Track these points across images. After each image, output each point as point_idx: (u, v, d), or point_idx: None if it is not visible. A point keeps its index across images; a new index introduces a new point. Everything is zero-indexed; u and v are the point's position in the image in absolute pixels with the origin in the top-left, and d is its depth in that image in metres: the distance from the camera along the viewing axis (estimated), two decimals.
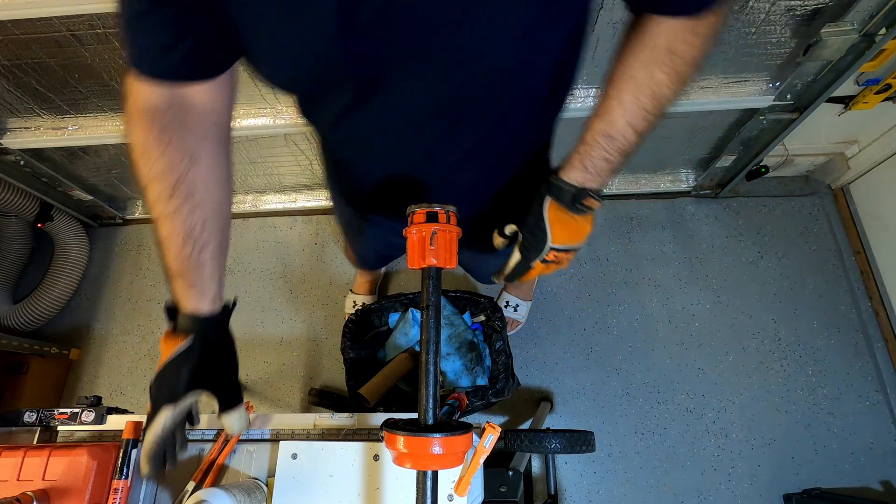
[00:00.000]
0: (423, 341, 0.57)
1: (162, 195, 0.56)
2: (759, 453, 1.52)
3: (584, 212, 0.63)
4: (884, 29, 1.03)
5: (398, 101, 0.56)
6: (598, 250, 1.80)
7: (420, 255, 0.59)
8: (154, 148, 0.55)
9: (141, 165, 0.56)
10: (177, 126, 0.55)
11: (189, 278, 0.59)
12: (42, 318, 1.77)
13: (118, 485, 0.67)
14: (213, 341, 0.63)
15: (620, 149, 0.58)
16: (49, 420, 0.78)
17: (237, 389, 0.67)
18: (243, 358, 1.74)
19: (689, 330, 1.67)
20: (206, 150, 0.58)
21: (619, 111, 0.55)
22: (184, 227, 0.57)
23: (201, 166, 0.58)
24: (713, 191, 1.83)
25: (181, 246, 0.58)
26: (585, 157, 0.60)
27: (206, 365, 0.62)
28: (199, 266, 0.59)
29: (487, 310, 1.30)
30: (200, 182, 0.58)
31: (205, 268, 0.60)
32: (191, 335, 0.61)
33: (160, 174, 0.55)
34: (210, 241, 0.60)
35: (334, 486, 0.68)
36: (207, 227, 0.59)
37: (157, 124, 0.54)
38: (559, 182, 0.62)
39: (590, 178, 0.61)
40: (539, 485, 1.43)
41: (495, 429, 0.60)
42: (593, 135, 0.58)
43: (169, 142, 0.55)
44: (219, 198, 0.61)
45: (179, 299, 0.61)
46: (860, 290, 1.68)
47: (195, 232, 0.58)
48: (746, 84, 1.29)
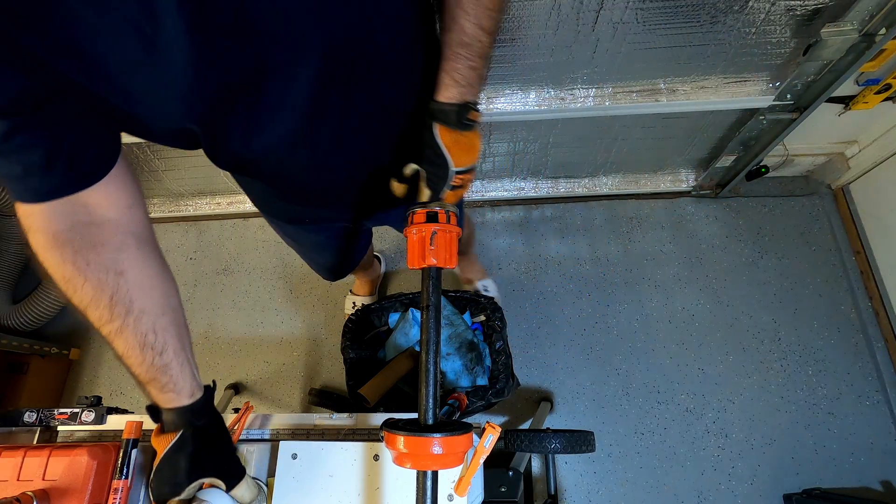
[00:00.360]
0: (423, 341, 0.57)
1: (103, 318, 0.56)
2: (759, 453, 1.52)
3: (471, 127, 0.64)
4: (884, 29, 1.03)
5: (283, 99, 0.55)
6: (598, 250, 1.80)
7: (420, 255, 0.59)
8: (75, 276, 0.54)
9: (70, 295, 0.55)
10: (88, 247, 0.54)
11: (160, 382, 0.60)
12: (42, 318, 1.77)
13: (118, 485, 0.67)
14: (203, 428, 0.63)
15: (479, 52, 0.59)
16: (49, 420, 0.78)
17: (237, 464, 0.67)
18: (243, 358, 1.75)
19: (689, 330, 1.67)
20: (127, 259, 0.57)
21: (464, 16, 0.57)
22: (136, 340, 0.57)
23: (130, 276, 0.57)
24: (713, 191, 1.83)
25: (140, 357, 0.58)
26: (453, 72, 0.60)
27: (201, 452, 0.62)
28: (165, 369, 0.60)
29: (487, 310, 1.30)
30: (135, 291, 0.57)
31: (171, 368, 0.60)
32: (180, 429, 0.61)
33: (92, 300, 0.55)
34: (168, 342, 0.60)
35: (334, 486, 0.68)
36: (159, 330, 0.59)
37: (69, 251, 0.53)
38: (440, 105, 0.62)
39: (464, 90, 0.61)
40: (539, 485, 1.43)
41: (495, 429, 0.60)
42: (451, 49, 0.59)
43: (87, 265, 0.54)
44: (161, 296, 0.60)
45: (157, 401, 0.62)
46: (860, 290, 1.68)
47: (149, 340, 0.58)
48: (746, 84, 1.29)
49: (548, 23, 1.09)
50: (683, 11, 1.06)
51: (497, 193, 1.86)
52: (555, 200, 1.88)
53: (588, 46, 1.16)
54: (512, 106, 1.33)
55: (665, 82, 1.30)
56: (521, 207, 1.89)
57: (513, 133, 1.52)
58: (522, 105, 1.33)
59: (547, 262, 1.79)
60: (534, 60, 1.20)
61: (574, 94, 1.32)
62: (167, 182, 1.78)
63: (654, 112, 1.34)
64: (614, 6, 1.04)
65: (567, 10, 1.05)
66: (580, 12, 1.06)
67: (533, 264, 1.79)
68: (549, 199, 1.88)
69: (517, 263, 1.80)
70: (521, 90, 1.32)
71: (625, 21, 1.08)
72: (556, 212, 1.87)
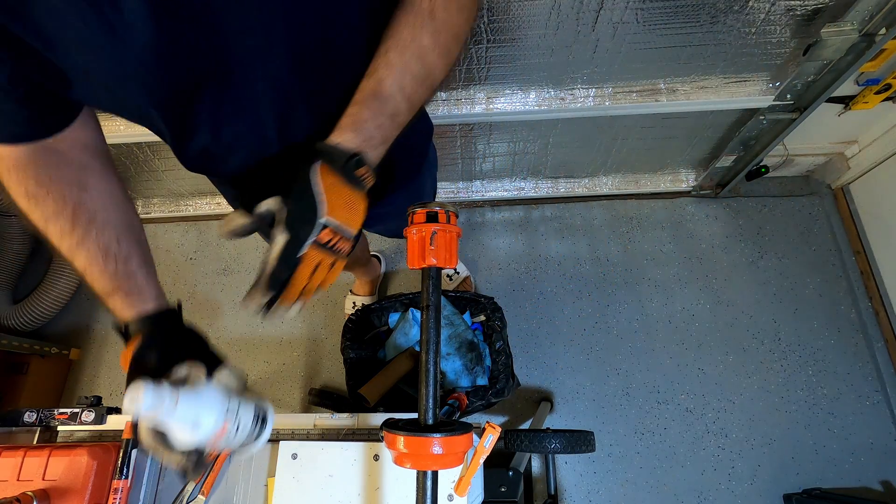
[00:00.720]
0: (423, 341, 0.57)
1: (65, 229, 0.55)
2: (759, 453, 1.52)
3: (358, 185, 0.54)
4: (884, 29, 1.03)
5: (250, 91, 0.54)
6: (598, 250, 1.80)
7: (420, 255, 0.59)
8: (37, 191, 0.54)
9: (31, 212, 0.55)
10: (52, 165, 0.54)
11: (124, 288, 0.57)
12: (42, 318, 1.77)
13: (118, 485, 0.67)
14: (173, 331, 0.60)
15: (391, 112, 0.54)
16: (49, 420, 0.78)
17: (214, 353, 0.61)
18: (243, 358, 1.75)
19: (689, 330, 1.67)
20: (91, 178, 0.57)
21: (386, 69, 0.54)
22: (99, 248, 0.56)
23: (93, 192, 0.57)
24: (713, 191, 1.83)
25: (104, 264, 0.56)
26: (357, 119, 0.54)
27: (172, 344, 0.58)
28: (129, 275, 0.58)
29: (487, 310, 1.30)
30: (98, 206, 0.57)
31: (136, 276, 0.58)
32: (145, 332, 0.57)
33: (55, 212, 0.54)
34: (132, 253, 0.58)
35: (334, 486, 0.68)
36: (123, 242, 0.58)
37: (31, 169, 0.53)
38: (329, 146, 0.53)
39: (362, 142, 0.53)
40: (539, 485, 1.43)
41: (495, 429, 0.60)
42: (362, 94, 0.54)
43: (50, 180, 0.54)
44: (124, 214, 0.59)
45: (123, 312, 0.58)
46: (860, 290, 1.68)
47: (112, 248, 0.57)
48: (746, 84, 1.29)
49: (548, 23, 1.09)
50: (683, 11, 1.06)
51: (497, 193, 1.86)
52: (555, 200, 1.88)
53: (588, 46, 1.16)
54: (512, 106, 1.33)
55: (665, 82, 1.30)
56: (521, 207, 1.89)
57: (513, 133, 1.52)
58: (522, 105, 1.33)
59: (547, 262, 1.79)
60: (534, 60, 1.20)
61: (574, 94, 1.32)
62: (167, 182, 1.78)
63: (654, 112, 1.34)
64: (614, 6, 1.04)
65: (567, 10, 1.05)
66: (580, 12, 1.06)
67: (533, 264, 1.79)
68: (549, 199, 1.88)
69: (517, 263, 1.80)
70: (521, 90, 1.32)
71: (625, 21, 1.08)
72: (556, 212, 1.87)
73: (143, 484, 0.73)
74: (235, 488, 0.73)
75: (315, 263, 0.52)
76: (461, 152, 1.63)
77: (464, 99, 1.34)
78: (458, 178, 1.82)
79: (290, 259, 0.51)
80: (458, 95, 1.33)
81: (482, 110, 1.33)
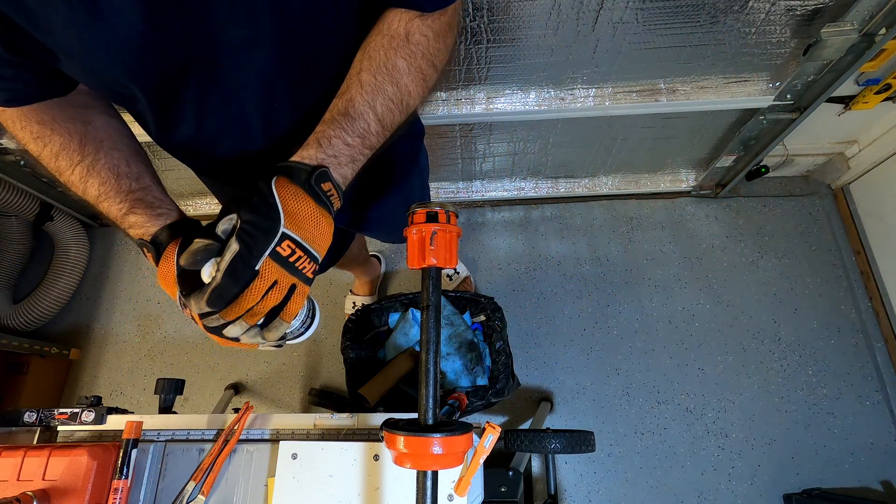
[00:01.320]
0: (423, 341, 0.56)
1: (74, 159, 0.56)
2: (759, 453, 1.52)
3: (322, 201, 0.50)
4: (884, 29, 1.03)
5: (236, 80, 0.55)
6: (598, 250, 1.80)
7: (420, 255, 0.59)
8: (42, 131, 0.55)
9: (41, 153, 0.56)
10: (55, 109, 0.55)
11: (145, 201, 0.56)
12: (42, 318, 1.77)
13: (118, 485, 0.67)
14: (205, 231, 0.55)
15: (361, 132, 0.53)
16: (49, 420, 0.78)
17: None
18: (243, 358, 1.75)
19: (689, 330, 1.67)
20: (93, 113, 0.58)
21: (357, 88, 0.53)
22: (111, 170, 0.56)
23: (97, 124, 0.57)
24: (713, 191, 1.83)
25: (118, 184, 0.56)
26: (322, 136, 0.52)
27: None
28: (146, 190, 0.58)
29: (487, 310, 1.30)
30: (104, 136, 0.57)
31: (153, 190, 0.58)
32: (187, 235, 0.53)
33: (62, 145, 0.55)
34: (143, 172, 0.59)
35: (334, 486, 0.68)
36: (133, 164, 0.58)
37: (35, 113, 0.55)
38: (291, 162, 0.51)
39: (325, 158, 0.52)
40: (539, 485, 1.43)
41: (495, 429, 0.60)
42: (331, 113, 0.54)
43: (53, 119, 0.55)
44: (131, 145, 0.60)
45: (148, 225, 0.55)
46: (860, 290, 1.68)
47: (123, 169, 0.57)
48: (746, 84, 1.29)
49: (548, 23, 1.09)
50: (683, 11, 1.06)
51: (497, 193, 1.86)
52: (555, 200, 1.88)
53: (588, 46, 1.16)
54: (512, 106, 1.33)
55: (665, 82, 1.30)
56: (521, 207, 1.89)
57: (513, 133, 1.52)
58: (522, 105, 1.33)
59: (547, 262, 1.79)
60: (534, 60, 1.20)
61: (574, 94, 1.32)
62: (167, 182, 1.78)
63: (654, 112, 1.34)
64: (614, 6, 1.04)
65: (567, 10, 1.05)
66: (580, 12, 1.06)
67: (533, 264, 1.79)
68: (549, 199, 1.88)
69: (517, 263, 1.80)
70: (521, 90, 1.32)
71: (625, 21, 1.08)
72: (556, 212, 1.87)
73: (143, 484, 0.73)
74: (235, 488, 0.73)
75: (271, 281, 0.47)
76: (461, 152, 1.63)
77: (464, 99, 1.34)
78: (458, 178, 1.82)
79: (241, 272, 0.45)
80: (458, 95, 1.33)
81: (482, 110, 1.33)
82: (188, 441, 0.76)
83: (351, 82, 0.54)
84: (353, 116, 0.53)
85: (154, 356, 1.79)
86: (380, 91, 0.53)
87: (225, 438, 0.75)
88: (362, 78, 0.54)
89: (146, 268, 1.91)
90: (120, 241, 1.97)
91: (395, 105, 0.55)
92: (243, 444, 0.76)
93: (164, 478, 0.74)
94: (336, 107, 0.54)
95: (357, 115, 0.53)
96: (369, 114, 0.53)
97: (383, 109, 0.54)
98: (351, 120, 0.53)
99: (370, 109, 0.53)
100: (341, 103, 0.54)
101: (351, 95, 0.53)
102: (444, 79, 1.28)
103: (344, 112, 0.53)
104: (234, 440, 0.75)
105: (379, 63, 0.54)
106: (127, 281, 1.90)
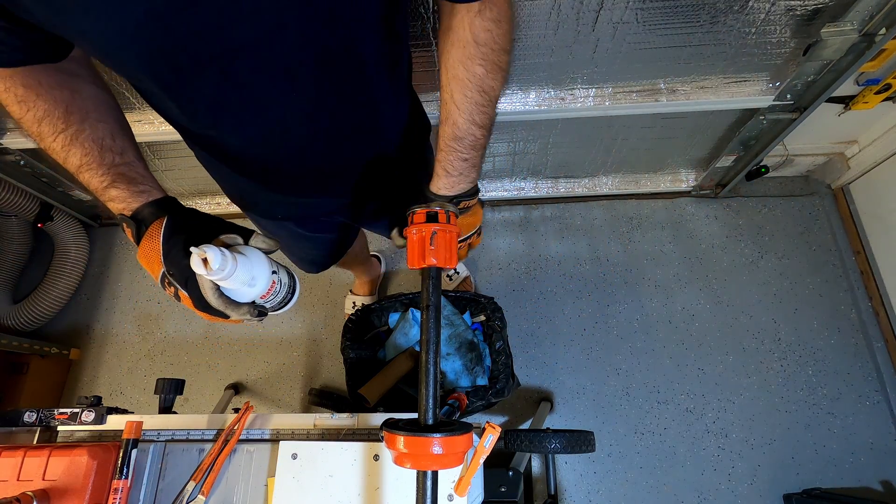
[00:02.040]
0: (423, 341, 0.57)
1: (58, 127, 0.55)
2: (759, 453, 1.52)
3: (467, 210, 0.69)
4: (884, 29, 1.03)
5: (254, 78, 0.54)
6: (598, 250, 1.80)
7: (420, 255, 0.59)
8: (27, 94, 0.54)
9: (24, 117, 0.55)
10: (41, 74, 0.54)
11: (128, 176, 0.56)
12: (42, 318, 1.77)
13: (118, 485, 0.67)
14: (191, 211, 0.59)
15: (471, 145, 0.62)
16: (49, 420, 0.78)
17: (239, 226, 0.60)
18: (243, 358, 1.75)
19: (689, 330, 1.67)
20: (83, 83, 0.57)
21: (457, 112, 0.60)
22: (95, 142, 0.56)
23: (85, 94, 0.57)
24: (713, 191, 1.83)
25: (100, 157, 0.56)
26: (445, 164, 0.64)
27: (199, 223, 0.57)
28: (129, 165, 0.57)
29: (487, 310, 1.30)
30: (90, 107, 0.57)
31: (137, 166, 0.58)
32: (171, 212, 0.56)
33: (46, 111, 0.55)
34: (128, 147, 0.58)
35: (334, 486, 0.68)
36: (118, 138, 0.58)
37: (19, 79, 0.54)
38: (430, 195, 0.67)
39: (455, 180, 0.65)
40: (539, 485, 1.43)
41: (495, 429, 0.60)
42: (444, 141, 0.63)
43: (39, 84, 0.54)
44: (118, 118, 0.59)
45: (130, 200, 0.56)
46: (860, 290, 1.68)
47: (107, 142, 0.56)
48: (746, 84, 1.29)
49: (548, 23, 1.09)
50: (683, 11, 1.06)
51: (497, 193, 1.86)
52: (555, 200, 1.88)
53: (588, 46, 1.16)
54: (512, 106, 1.33)
55: (665, 82, 1.30)
56: (521, 207, 1.89)
57: (513, 133, 1.52)
58: (522, 105, 1.33)
59: (547, 262, 1.79)
60: (534, 60, 1.20)
61: (574, 94, 1.32)
62: (167, 182, 1.78)
63: (654, 112, 1.34)
64: (614, 6, 1.04)
65: (567, 10, 1.05)
66: (580, 12, 1.06)
67: (533, 264, 1.79)
68: (549, 199, 1.88)
69: (517, 263, 1.80)
70: (521, 90, 1.32)
71: (625, 21, 1.08)
72: (556, 212, 1.87)
73: (143, 484, 0.73)
74: (235, 488, 0.73)
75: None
76: None
77: None
78: None
79: None
80: None
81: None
82: (188, 441, 0.76)
83: (449, 107, 0.61)
84: (461, 137, 0.62)
85: (154, 356, 1.79)
86: (473, 104, 0.59)
87: (225, 438, 0.75)
88: (456, 99, 0.59)
89: None
90: (120, 241, 1.97)
91: (488, 106, 0.61)
92: (243, 444, 0.76)
93: (164, 478, 0.75)
94: (446, 134, 0.62)
95: (464, 133, 0.61)
96: (472, 128, 0.61)
97: (482, 117, 0.61)
98: (461, 140, 0.62)
99: (471, 124, 0.61)
100: (449, 130, 0.62)
101: (454, 120, 0.61)
102: None
103: (454, 137, 0.62)
104: (234, 440, 0.75)
105: (463, 80, 0.58)
106: (127, 281, 1.90)
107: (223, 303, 0.54)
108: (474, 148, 0.63)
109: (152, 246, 0.54)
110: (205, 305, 0.54)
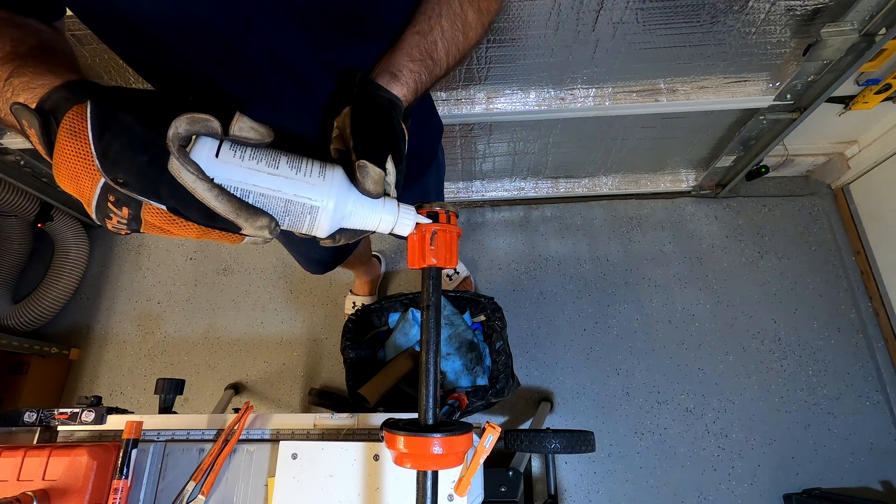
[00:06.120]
0: (423, 341, 0.56)
1: None
2: (759, 453, 1.52)
3: None
4: (884, 29, 1.03)
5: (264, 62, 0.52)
6: (598, 250, 1.80)
7: (420, 255, 0.59)
8: None
9: None
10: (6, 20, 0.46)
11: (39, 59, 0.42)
12: (42, 318, 1.77)
13: (118, 485, 0.67)
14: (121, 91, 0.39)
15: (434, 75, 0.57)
16: (49, 420, 0.78)
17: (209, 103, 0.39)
18: (243, 358, 1.75)
19: (689, 330, 1.67)
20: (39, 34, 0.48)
21: (439, 34, 0.56)
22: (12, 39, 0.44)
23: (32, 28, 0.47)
24: (713, 191, 1.83)
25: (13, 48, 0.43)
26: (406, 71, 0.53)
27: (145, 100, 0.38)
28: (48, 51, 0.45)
29: (487, 310, 1.30)
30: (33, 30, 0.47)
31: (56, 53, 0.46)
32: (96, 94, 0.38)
33: None
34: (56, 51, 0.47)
35: (334, 486, 0.68)
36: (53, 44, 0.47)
37: None
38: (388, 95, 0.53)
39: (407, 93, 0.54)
40: (539, 485, 1.43)
41: (495, 429, 0.60)
42: (419, 49, 0.55)
43: None
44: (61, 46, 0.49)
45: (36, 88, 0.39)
46: (860, 290, 1.68)
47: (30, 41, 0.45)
48: (746, 84, 1.29)
49: (548, 23, 1.09)
50: (683, 11, 1.06)
51: (497, 193, 1.86)
52: (555, 200, 1.88)
53: (588, 46, 1.16)
54: (512, 106, 1.33)
55: (665, 82, 1.30)
56: (521, 207, 1.89)
57: (513, 133, 1.52)
58: (522, 105, 1.33)
59: (547, 262, 1.79)
60: (534, 60, 1.20)
61: (574, 94, 1.32)
62: None
63: (654, 112, 1.34)
64: (614, 6, 1.04)
65: (567, 10, 1.05)
66: (580, 12, 1.06)
67: (533, 264, 1.79)
68: (549, 199, 1.88)
69: (517, 263, 1.80)
70: (521, 90, 1.32)
71: (625, 21, 1.08)
72: (556, 212, 1.87)
73: (143, 484, 0.73)
74: (235, 488, 0.73)
75: None
76: (461, 152, 1.63)
77: (464, 99, 1.34)
78: (458, 178, 1.82)
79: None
80: (458, 95, 1.33)
81: (482, 110, 1.33)
82: (188, 441, 0.76)
83: (433, 24, 0.55)
84: (435, 61, 0.56)
85: (154, 356, 1.79)
86: (454, 42, 0.56)
87: (225, 438, 0.75)
88: (443, 24, 0.55)
89: (146, 268, 1.91)
90: (120, 242, 1.96)
91: (460, 54, 0.58)
92: (243, 444, 0.76)
93: (164, 478, 0.74)
94: (422, 46, 0.55)
95: (437, 60, 0.56)
96: (444, 60, 0.57)
97: (453, 60, 0.58)
98: (433, 64, 0.56)
99: (446, 57, 0.57)
100: (427, 44, 0.55)
101: (434, 39, 0.55)
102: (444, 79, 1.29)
103: (429, 55, 0.55)
104: (234, 440, 0.75)
105: (455, 12, 0.56)
106: (127, 281, 1.90)
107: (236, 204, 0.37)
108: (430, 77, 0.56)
109: (76, 146, 0.35)
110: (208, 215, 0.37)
